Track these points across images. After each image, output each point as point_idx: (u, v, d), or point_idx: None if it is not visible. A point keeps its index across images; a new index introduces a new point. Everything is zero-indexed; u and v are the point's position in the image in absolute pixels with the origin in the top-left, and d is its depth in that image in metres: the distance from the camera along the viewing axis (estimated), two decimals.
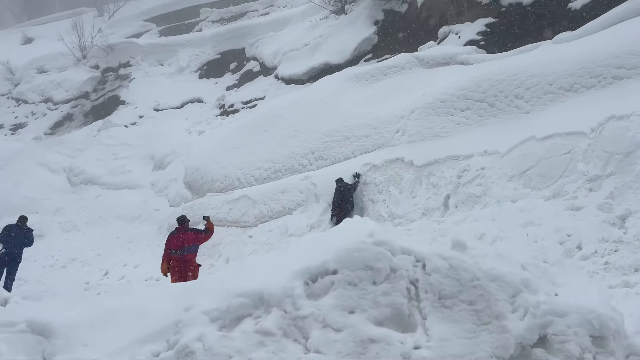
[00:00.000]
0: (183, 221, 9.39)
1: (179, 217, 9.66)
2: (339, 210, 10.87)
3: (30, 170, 22.12)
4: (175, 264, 8.90)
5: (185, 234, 9.13)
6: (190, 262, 9.00)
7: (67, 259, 14.38)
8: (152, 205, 17.07)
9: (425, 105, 12.02)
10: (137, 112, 25.39)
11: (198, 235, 9.29)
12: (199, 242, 9.31)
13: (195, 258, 9.19)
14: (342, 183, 11.15)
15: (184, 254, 8.91)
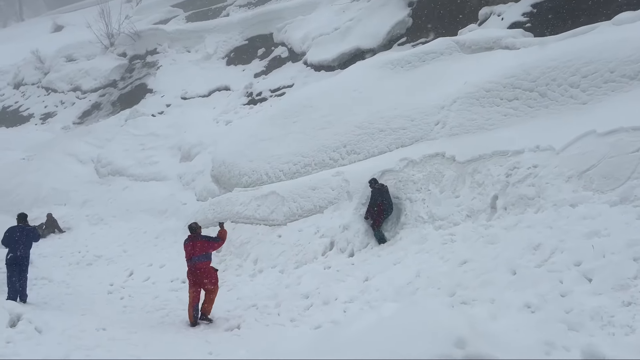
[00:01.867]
0: (194, 229, 8.97)
1: (190, 224, 9.21)
2: (378, 214, 10.11)
3: (59, 160, 22.03)
4: (190, 272, 8.60)
5: (195, 243, 8.72)
6: (204, 270, 8.59)
7: (93, 256, 14.04)
8: (179, 199, 16.62)
9: (468, 94, 11.06)
10: (164, 100, 24.99)
11: (208, 244, 8.84)
12: (209, 251, 8.88)
13: (208, 265, 8.76)
14: (378, 185, 10.37)
15: (195, 263, 8.56)
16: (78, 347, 5.53)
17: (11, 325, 6.06)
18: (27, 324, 6.12)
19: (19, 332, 5.59)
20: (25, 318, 6.23)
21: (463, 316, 4.05)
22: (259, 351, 6.29)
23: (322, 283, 9.09)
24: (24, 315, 6.29)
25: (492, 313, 6.30)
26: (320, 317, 7.87)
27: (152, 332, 7.24)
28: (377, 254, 9.46)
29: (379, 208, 10.10)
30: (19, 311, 6.31)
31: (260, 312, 8.67)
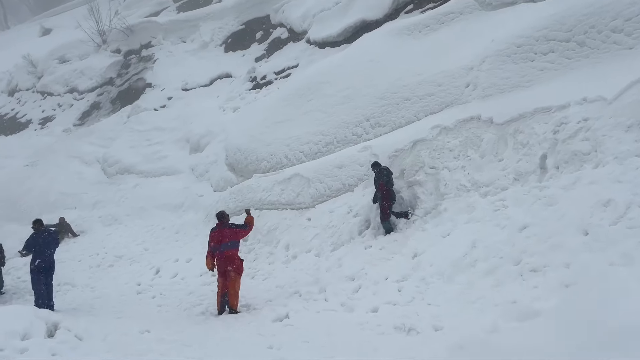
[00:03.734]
0: (222, 217, 8.76)
1: (218, 212, 9.00)
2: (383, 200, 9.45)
3: (64, 164, 21.41)
4: (219, 261, 8.40)
5: (223, 230, 8.50)
6: (231, 258, 8.39)
7: (113, 257, 13.49)
8: (195, 191, 16.01)
9: (498, 52, 10.43)
10: (165, 93, 24.23)
11: (236, 232, 8.63)
12: (237, 239, 8.64)
13: (236, 253, 8.54)
14: (381, 168, 9.77)
15: (223, 251, 8.34)
16: (131, 353, 4.99)
17: (49, 335, 5.51)
18: (66, 333, 5.57)
19: (62, 342, 5.04)
20: (63, 326, 5.67)
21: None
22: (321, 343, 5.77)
23: (366, 263, 8.55)
24: (61, 323, 5.73)
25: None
26: (374, 299, 7.32)
27: (199, 329, 6.69)
28: (421, 227, 8.88)
29: (382, 193, 9.44)
30: (55, 319, 5.75)
31: (305, 299, 8.12)
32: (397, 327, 5.94)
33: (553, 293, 5.73)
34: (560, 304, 4.85)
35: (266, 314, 7.54)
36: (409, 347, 5.21)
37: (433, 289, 7.07)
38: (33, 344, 4.77)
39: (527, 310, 5.38)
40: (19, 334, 5.14)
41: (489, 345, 4.34)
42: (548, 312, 4.90)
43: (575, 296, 4.85)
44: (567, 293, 5.43)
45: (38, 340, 5.08)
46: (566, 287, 5.86)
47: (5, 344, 4.59)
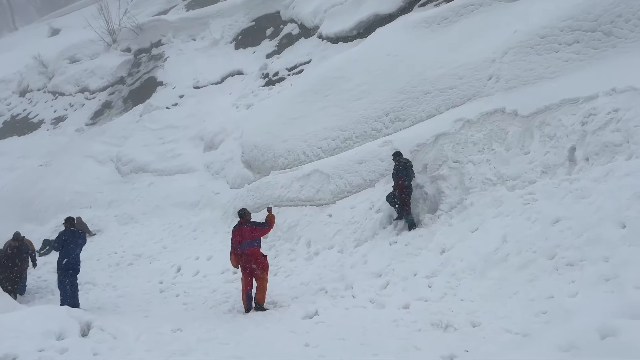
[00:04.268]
0: (243, 215, 8.73)
1: (239, 210, 8.96)
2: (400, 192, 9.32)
3: (77, 163, 21.44)
4: (241, 259, 8.36)
5: (243, 228, 8.49)
6: (254, 256, 8.34)
7: (132, 256, 13.47)
8: (211, 188, 15.97)
9: (521, 43, 10.26)
10: (176, 92, 24.22)
11: (256, 229, 8.57)
12: (258, 236, 8.58)
13: (258, 250, 8.49)
14: (403, 159, 9.65)
15: (244, 249, 8.31)
16: (172, 352, 4.92)
17: (83, 335, 5.46)
18: (100, 332, 5.51)
19: (99, 341, 4.98)
20: (96, 326, 5.61)
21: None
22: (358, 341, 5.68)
23: (392, 259, 8.45)
24: (93, 322, 5.68)
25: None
26: (404, 295, 7.23)
27: (230, 327, 6.62)
28: (448, 222, 8.76)
29: (399, 186, 9.29)
30: (88, 319, 5.69)
31: (332, 296, 8.05)
32: (434, 324, 5.85)
33: (593, 287, 5.61)
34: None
35: (295, 311, 7.47)
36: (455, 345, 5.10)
37: (465, 285, 6.96)
38: (71, 344, 4.71)
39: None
40: (54, 334, 5.09)
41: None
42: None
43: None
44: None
45: (74, 339, 5.02)
46: (606, 281, 5.76)
47: (44, 344, 4.53)
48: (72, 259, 9.34)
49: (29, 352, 4.26)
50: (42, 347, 4.45)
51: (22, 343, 4.38)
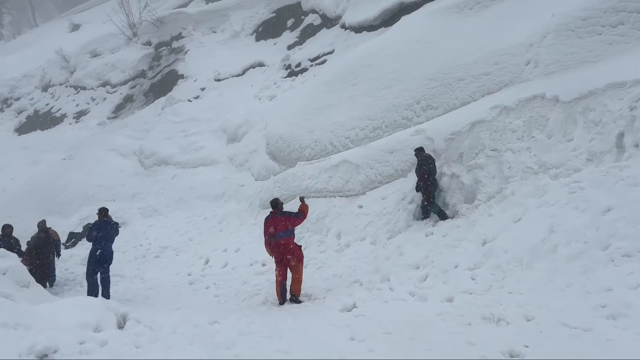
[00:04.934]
0: (275, 205, 8.50)
1: (272, 200, 8.71)
2: (424, 187, 9.20)
3: (101, 157, 21.42)
4: (275, 250, 8.15)
5: (277, 219, 8.27)
6: (288, 246, 8.14)
7: (159, 248, 13.35)
8: (235, 180, 15.76)
9: (560, 26, 9.85)
10: (197, 84, 24.10)
11: (290, 219, 8.34)
12: (291, 226, 8.34)
13: (292, 241, 8.28)
14: (425, 154, 9.47)
15: (278, 240, 8.11)
16: (216, 345, 4.70)
17: (119, 327, 5.28)
18: (136, 324, 5.33)
19: (138, 334, 4.79)
20: (132, 318, 5.44)
21: None
22: (406, 335, 5.40)
23: (430, 251, 8.15)
24: (129, 314, 5.50)
25: None
26: (446, 288, 6.94)
27: (268, 320, 6.40)
28: (487, 212, 8.42)
29: (423, 180, 9.17)
30: (124, 311, 5.53)
31: (367, 289, 7.79)
32: (485, 318, 5.55)
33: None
34: None
35: (331, 303, 7.22)
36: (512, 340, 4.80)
37: (511, 277, 6.64)
38: (111, 336, 4.53)
39: None
40: (91, 326, 4.91)
41: None
42: None
43: None
44: None
45: (112, 332, 4.84)
46: None
47: (84, 336, 4.35)
48: (105, 250, 9.24)
49: (69, 344, 4.08)
50: (82, 339, 4.27)
51: (61, 335, 4.20)
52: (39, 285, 6.80)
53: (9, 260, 5.98)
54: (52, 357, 3.87)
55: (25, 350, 3.82)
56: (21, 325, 4.39)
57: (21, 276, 5.99)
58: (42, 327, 4.45)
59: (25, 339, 3.93)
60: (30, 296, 5.80)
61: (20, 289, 5.79)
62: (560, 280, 6.17)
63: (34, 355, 3.84)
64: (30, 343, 3.90)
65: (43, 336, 4.05)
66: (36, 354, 3.86)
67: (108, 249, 9.32)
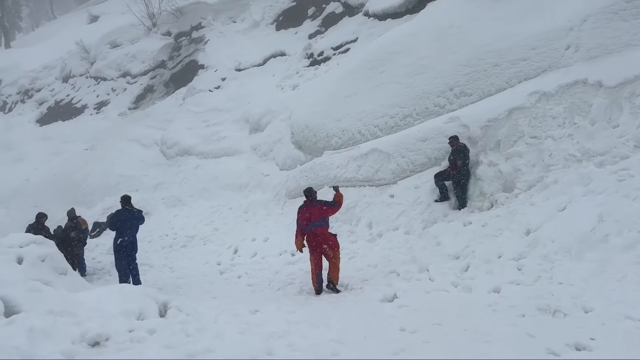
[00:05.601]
0: (310, 194, 8.31)
1: (305, 189, 8.51)
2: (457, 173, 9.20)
3: (122, 147, 21.43)
4: (310, 240, 7.98)
5: (312, 207, 8.08)
6: (324, 235, 7.98)
7: (185, 237, 13.27)
8: (260, 170, 15.62)
9: (603, 9, 9.49)
10: (218, 74, 23.96)
11: (325, 209, 8.16)
12: (327, 215, 8.17)
13: (327, 230, 8.12)
14: (460, 143, 9.43)
15: (313, 229, 7.93)
16: (269, 334, 4.53)
17: (160, 315, 5.15)
18: (178, 313, 5.19)
19: (183, 322, 4.64)
20: (173, 306, 5.29)
21: None
22: (459, 326, 5.19)
23: (470, 241, 7.91)
24: (170, 302, 5.36)
25: None
26: (491, 279, 6.70)
27: (308, 309, 6.23)
28: (528, 201, 8.15)
29: (455, 168, 9.22)
30: (164, 299, 5.39)
31: (405, 279, 7.58)
32: (541, 309, 5.31)
33: None
34: None
35: (370, 293, 7.03)
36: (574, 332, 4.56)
37: (561, 267, 6.38)
38: (157, 325, 4.38)
39: None
40: (134, 314, 4.78)
41: None
42: None
43: None
44: None
45: (156, 320, 4.70)
46: None
47: (132, 324, 4.21)
48: (127, 238, 9.14)
49: (119, 332, 3.94)
50: (131, 327, 4.13)
51: (110, 322, 4.06)
52: (76, 273, 6.71)
53: (47, 248, 5.89)
54: (104, 344, 3.74)
55: (77, 337, 3.69)
56: (66, 312, 4.27)
57: (59, 263, 5.89)
58: (87, 315, 4.33)
59: (76, 326, 3.80)
60: (68, 284, 5.69)
61: (59, 276, 5.70)
62: (614, 270, 5.91)
63: (85, 343, 3.71)
64: (82, 330, 3.78)
65: (92, 324, 3.92)
66: (88, 341, 3.73)
67: (130, 237, 9.21)
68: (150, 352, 3.70)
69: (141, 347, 3.78)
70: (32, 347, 3.31)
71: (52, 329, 3.60)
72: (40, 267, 5.47)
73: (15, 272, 4.88)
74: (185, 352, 3.76)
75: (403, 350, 4.17)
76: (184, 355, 3.71)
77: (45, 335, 3.50)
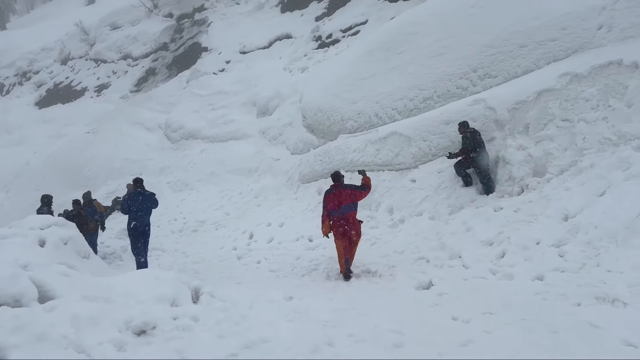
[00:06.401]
0: (338, 178, 8.06)
1: (333, 173, 8.24)
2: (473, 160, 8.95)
3: (125, 130, 21.03)
4: (337, 224, 7.70)
5: (341, 192, 7.81)
6: (352, 220, 7.74)
7: (195, 222, 12.95)
8: (269, 155, 15.27)
9: None
10: (222, 57, 23.52)
11: (355, 192, 7.90)
12: (356, 200, 7.91)
13: (355, 215, 7.88)
14: (469, 129, 9.15)
15: (344, 214, 7.66)
16: (322, 323, 4.20)
17: (193, 301, 4.83)
18: (211, 299, 4.87)
19: (222, 309, 4.31)
20: (206, 292, 4.97)
21: None
22: (511, 315, 4.90)
23: (503, 227, 7.60)
24: (202, 288, 5.04)
25: None
26: (530, 266, 6.40)
27: (345, 296, 5.91)
28: (563, 186, 7.83)
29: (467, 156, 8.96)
30: (196, 284, 5.06)
31: (436, 266, 7.29)
32: (599, 298, 5.01)
33: None
34: None
35: (403, 281, 6.73)
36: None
37: (606, 254, 6.08)
38: (199, 312, 4.06)
39: None
40: (167, 300, 4.46)
41: None
42: None
43: None
44: None
45: (193, 307, 4.39)
46: None
47: (174, 311, 3.88)
48: (139, 222, 8.84)
49: (164, 319, 3.62)
50: (175, 314, 3.81)
51: (152, 310, 3.74)
52: (97, 257, 6.38)
53: (69, 230, 5.54)
54: (150, 333, 3.42)
55: (122, 325, 3.37)
56: (100, 298, 3.94)
57: (82, 247, 5.55)
58: (123, 301, 4.00)
59: (118, 313, 3.46)
60: (91, 268, 5.36)
61: (82, 260, 5.36)
62: None
63: (130, 331, 3.38)
64: (125, 318, 3.45)
65: (134, 311, 3.59)
66: (133, 329, 3.41)
67: (142, 220, 8.93)
68: (202, 342, 3.38)
69: (191, 336, 3.46)
70: (79, 336, 2.98)
71: (97, 316, 3.27)
72: (63, 250, 5.12)
73: (40, 255, 4.53)
74: (240, 341, 3.44)
75: (470, 342, 3.87)
76: (239, 345, 3.39)
77: (91, 323, 3.17)
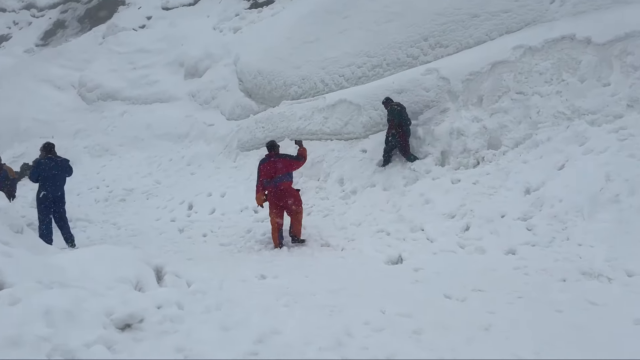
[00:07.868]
0: (272, 147, 7.86)
1: (268, 142, 8.02)
2: (401, 137, 8.98)
3: (32, 88, 18.90)
4: (272, 194, 7.55)
5: (275, 161, 7.63)
6: (288, 190, 7.60)
7: (122, 190, 11.83)
8: (201, 119, 14.27)
9: None
10: (142, 12, 21.69)
11: (290, 163, 7.74)
12: (290, 170, 7.75)
13: (291, 185, 7.76)
14: (394, 103, 9.15)
15: (278, 184, 7.51)
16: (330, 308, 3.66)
17: (158, 282, 4.18)
18: (176, 279, 4.23)
19: (200, 291, 3.70)
20: (169, 271, 4.32)
21: None
22: (497, 290, 4.69)
23: (464, 199, 7.48)
24: (165, 267, 4.37)
25: None
26: (498, 240, 6.30)
27: (322, 273, 5.40)
28: (520, 159, 7.83)
29: (398, 131, 8.96)
30: (157, 262, 4.38)
31: (398, 239, 7.04)
32: (585, 273, 4.93)
33: None
34: None
35: (372, 255, 6.41)
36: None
37: (574, 228, 6.09)
38: (181, 299, 3.41)
39: None
40: (131, 282, 3.78)
41: None
42: None
43: None
44: None
45: (164, 290, 3.73)
46: None
47: (152, 299, 3.21)
48: (52, 191, 7.83)
49: (148, 309, 2.95)
50: (157, 302, 3.14)
51: (132, 298, 3.05)
52: (30, 231, 5.39)
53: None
54: (137, 327, 2.75)
55: (105, 319, 2.65)
56: (56, 282, 3.19)
57: (14, 220, 4.60)
58: (81, 286, 3.27)
59: (95, 304, 2.74)
60: (26, 244, 4.46)
61: (15, 235, 4.44)
62: (634, 231, 5.69)
63: (114, 325, 2.69)
64: (105, 309, 2.74)
65: (113, 300, 2.88)
66: (116, 324, 2.72)
67: (55, 190, 7.92)
68: (205, 336, 2.77)
69: (186, 330, 2.84)
70: (63, 337, 2.27)
71: (72, 310, 2.55)
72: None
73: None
74: (248, 334, 2.87)
75: (491, 326, 3.57)
76: (250, 340, 2.82)
77: (68, 318, 2.46)
